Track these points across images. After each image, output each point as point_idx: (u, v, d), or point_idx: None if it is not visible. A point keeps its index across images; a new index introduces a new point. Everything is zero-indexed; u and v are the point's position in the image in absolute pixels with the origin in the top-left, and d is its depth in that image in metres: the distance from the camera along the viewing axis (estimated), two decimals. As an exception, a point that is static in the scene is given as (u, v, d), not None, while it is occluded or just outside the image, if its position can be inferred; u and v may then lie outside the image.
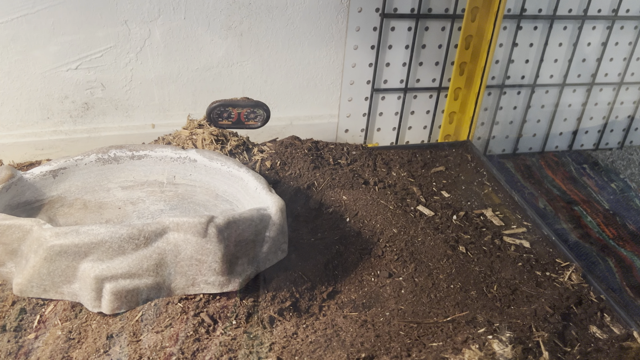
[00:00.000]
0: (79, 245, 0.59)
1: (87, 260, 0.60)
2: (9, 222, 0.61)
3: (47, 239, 0.59)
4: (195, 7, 0.98)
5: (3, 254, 0.62)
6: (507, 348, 0.61)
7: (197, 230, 0.62)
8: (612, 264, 0.91)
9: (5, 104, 1.00)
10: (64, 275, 0.61)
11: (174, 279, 0.64)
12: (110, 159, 0.80)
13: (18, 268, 0.63)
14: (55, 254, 0.59)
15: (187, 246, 0.62)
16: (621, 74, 1.29)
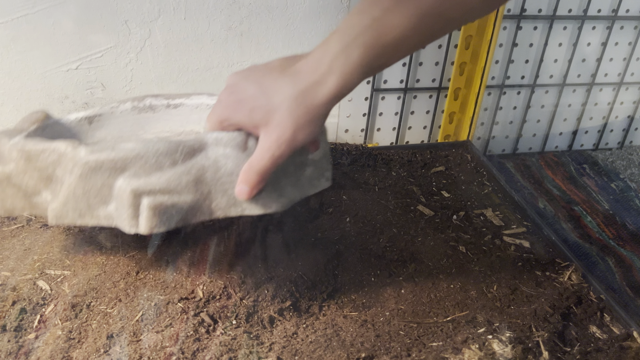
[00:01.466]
0: (114, 161, 0.55)
1: (123, 176, 0.55)
2: (42, 145, 0.56)
3: (82, 156, 0.55)
4: (195, 7, 0.98)
5: (38, 180, 0.57)
6: (507, 348, 0.61)
7: (237, 144, 0.56)
8: (612, 264, 0.91)
9: (5, 104, 1.00)
10: (99, 195, 0.56)
11: (215, 198, 0.57)
12: (146, 107, 0.75)
13: (53, 194, 0.58)
14: (91, 170, 0.55)
15: (228, 161, 0.56)
16: (621, 74, 1.29)
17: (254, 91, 0.51)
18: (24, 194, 0.59)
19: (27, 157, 0.56)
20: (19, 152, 0.57)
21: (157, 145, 0.55)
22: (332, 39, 0.49)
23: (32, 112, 0.68)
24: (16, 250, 0.78)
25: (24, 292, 0.70)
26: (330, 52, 0.48)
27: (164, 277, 0.73)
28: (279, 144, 0.50)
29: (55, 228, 0.83)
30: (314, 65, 0.49)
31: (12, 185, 0.58)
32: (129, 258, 0.77)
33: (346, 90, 0.49)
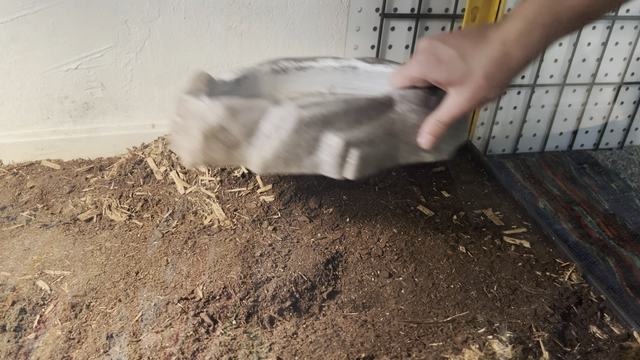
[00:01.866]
0: (325, 116, 0.61)
1: (330, 129, 0.62)
2: (248, 103, 0.62)
3: (294, 112, 0.61)
4: (195, 7, 0.98)
5: (240, 134, 0.63)
6: (507, 348, 0.61)
7: (420, 100, 0.65)
8: (612, 264, 0.91)
9: (5, 104, 1.00)
10: (307, 147, 0.63)
11: (401, 147, 0.66)
12: (280, 69, 0.82)
13: (256, 148, 0.64)
14: (304, 125, 0.61)
15: (413, 115, 0.65)
16: (621, 74, 1.29)
17: (454, 54, 0.59)
18: (226, 147, 0.65)
19: (233, 114, 0.62)
20: (226, 109, 0.62)
21: (358, 102, 0.63)
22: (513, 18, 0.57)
23: (198, 73, 0.75)
24: (16, 250, 0.78)
25: (23, 292, 0.70)
26: (514, 30, 0.56)
27: (163, 277, 0.73)
28: (472, 99, 0.60)
29: (55, 228, 0.84)
30: (502, 39, 0.57)
31: (216, 138, 0.64)
32: (128, 258, 0.77)
33: (530, 61, 0.57)
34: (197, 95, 0.66)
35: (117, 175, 0.93)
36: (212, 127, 0.63)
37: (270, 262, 0.75)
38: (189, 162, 0.68)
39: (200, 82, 0.72)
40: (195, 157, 0.66)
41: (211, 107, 0.63)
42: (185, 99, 0.67)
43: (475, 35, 0.59)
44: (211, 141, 0.64)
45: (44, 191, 0.93)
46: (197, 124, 0.64)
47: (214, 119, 0.63)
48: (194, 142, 0.65)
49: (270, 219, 0.86)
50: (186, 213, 0.86)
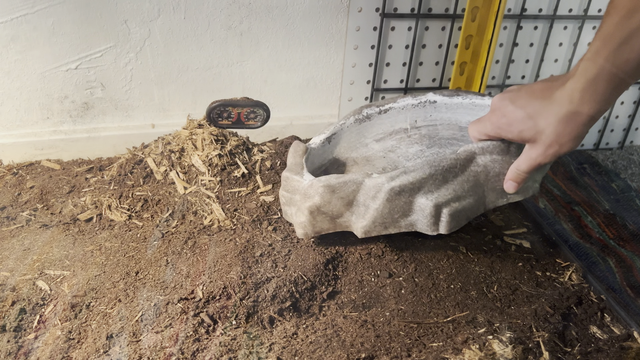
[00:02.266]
0: (413, 183, 0.68)
1: (420, 194, 0.69)
2: (342, 179, 0.70)
3: (385, 184, 0.68)
4: (195, 7, 0.98)
5: (341, 206, 0.71)
6: (507, 348, 0.61)
7: (501, 150, 0.70)
8: (612, 264, 0.91)
9: (5, 104, 1.00)
10: (402, 211, 0.70)
11: (487, 195, 0.73)
12: (364, 117, 0.89)
13: (356, 215, 0.72)
14: (395, 194, 0.68)
15: (495, 165, 0.71)
16: (621, 73, 1.29)
17: (522, 115, 0.64)
18: (330, 218, 0.73)
19: (332, 190, 0.70)
20: (324, 187, 0.70)
21: (442, 164, 0.69)
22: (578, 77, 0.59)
23: (295, 144, 0.81)
24: (16, 250, 0.78)
25: (23, 292, 0.70)
26: (578, 87, 0.59)
27: (163, 277, 0.73)
28: (544, 155, 0.65)
29: (55, 228, 0.83)
30: (567, 97, 0.60)
31: (322, 213, 0.72)
32: (128, 258, 0.77)
33: (598, 115, 0.60)
34: (298, 173, 0.75)
35: (117, 175, 0.93)
36: (316, 204, 0.71)
37: (270, 262, 0.74)
38: (301, 233, 0.76)
39: (298, 155, 0.79)
40: (306, 229, 0.74)
41: (313, 187, 0.71)
42: (289, 177, 0.75)
43: (543, 94, 0.63)
44: (317, 215, 0.72)
45: (44, 191, 0.93)
46: (302, 200, 0.73)
47: (317, 198, 0.71)
48: (302, 216, 0.74)
49: (270, 219, 0.86)
50: (186, 213, 0.86)
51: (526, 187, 0.74)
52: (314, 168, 0.84)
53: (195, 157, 0.91)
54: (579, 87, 0.59)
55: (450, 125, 0.90)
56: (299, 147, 0.81)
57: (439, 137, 0.90)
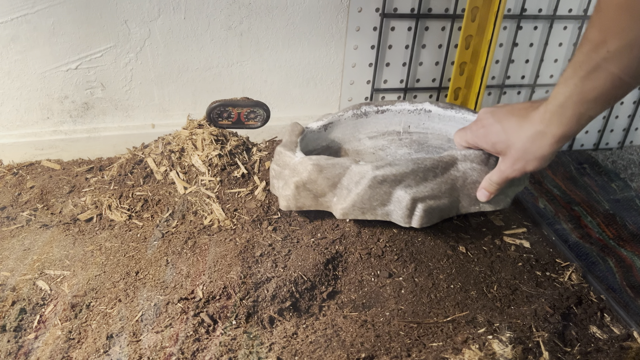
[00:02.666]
0: (395, 175, 0.73)
1: (400, 186, 0.74)
2: (331, 161, 0.75)
3: (370, 171, 0.73)
4: (195, 7, 0.98)
5: (326, 186, 0.76)
6: (507, 348, 0.61)
7: (481, 160, 0.76)
8: (612, 264, 0.91)
9: (5, 104, 1.00)
10: (380, 200, 0.75)
11: (462, 200, 0.78)
12: (362, 114, 0.94)
13: (338, 197, 0.77)
14: (378, 182, 0.73)
15: (474, 173, 0.76)
16: (621, 74, 1.29)
17: (498, 129, 0.70)
18: (314, 195, 0.78)
19: (320, 169, 0.75)
20: (313, 166, 0.75)
21: (425, 163, 0.74)
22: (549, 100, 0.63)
23: (292, 124, 0.86)
24: (16, 250, 0.78)
25: (23, 292, 0.70)
26: (549, 109, 0.63)
27: (163, 277, 0.73)
28: (513, 169, 0.70)
29: (55, 228, 0.84)
30: (539, 118, 0.65)
31: (306, 189, 0.77)
32: (129, 258, 0.77)
33: (566, 138, 0.64)
34: (291, 150, 0.79)
35: (117, 175, 0.93)
36: (302, 179, 0.76)
37: (270, 262, 0.75)
38: (284, 205, 0.80)
39: (294, 134, 0.84)
40: (289, 202, 0.79)
41: (302, 164, 0.76)
42: (282, 152, 0.80)
43: (521, 113, 0.68)
44: (302, 190, 0.77)
45: (44, 191, 0.93)
46: (291, 175, 0.78)
47: (305, 174, 0.76)
48: (288, 190, 0.78)
49: (270, 219, 0.86)
50: (186, 213, 0.86)
51: (498, 199, 0.79)
52: (307, 150, 0.87)
53: (195, 157, 0.91)
54: (549, 109, 0.63)
55: (440, 136, 0.95)
56: (296, 127, 0.86)
57: (428, 144, 0.95)
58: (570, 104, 0.61)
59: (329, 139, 0.93)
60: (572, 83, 0.60)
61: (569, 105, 0.61)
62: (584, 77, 0.59)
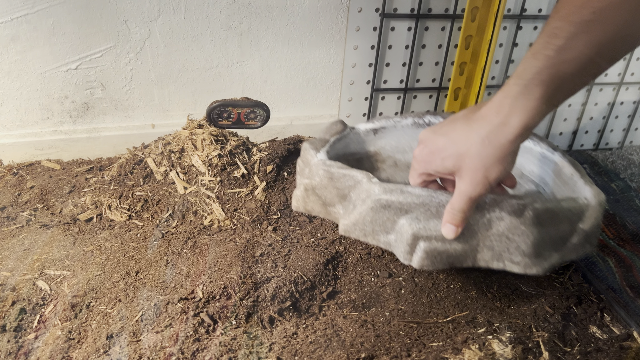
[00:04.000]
0: (402, 203, 0.63)
1: (406, 217, 0.63)
2: (344, 171, 0.68)
3: (376, 192, 0.64)
4: (195, 7, 0.98)
5: (335, 196, 0.69)
6: (507, 348, 0.61)
7: (513, 210, 0.62)
8: (612, 264, 0.91)
9: (5, 104, 1.00)
10: (383, 226, 0.65)
11: (481, 250, 0.64)
12: (424, 124, 0.82)
13: (345, 210, 0.69)
14: (381, 206, 0.64)
15: (500, 223, 0.62)
16: (621, 74, 1.29)
17: (443, 142, 0.57)
18: (322, 203, 0.71)
19: (330, 177, 0.68)
20: (325, 172, 0.69)
21: (440, 198, 0.62)
22: (509, 83, 0.53)
23: (334, 122, 0.79)
24: (16, 250, 0.78)
25: (23, 292, 0.70)
26: (510, 94, 0.52)
27: (163, 277, 0.73)
28: (473, 186, 0.55)
29: (55, 228, 0.84)
30: (495, 108, 0.53)
31: (315, 194, 0.71)
32: (128, 258, 0.77)
33: (532, 126, 0.53)
34: (316, 148, 0.73)
35: (117, 175, 0.93)
36: (312, 183, 0.70)
37: (270, 262, 0.75)
38: (294, 205, 0.74)
39: (329, 133, 0.77)
40: (299, 203, 0.74)
41: (317, 167, 0.70)
42: (307, 148, 0.74)
43: (466, 116, 0.56)
44: (310, 194, 0.71)
45: (44, 191, 0.93)
46: (308, 175, 0.72)
47: (316, 179, 0.70)
48: (299, 190, 0.73)
49: (270, 219, 0.86)
50: (186, 213, 0.86)
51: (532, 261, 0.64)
52: (348, 152, 0.81)
53: (195, 157, 0.91)
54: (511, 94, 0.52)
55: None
56: (335, 126, 0.79)
57: None
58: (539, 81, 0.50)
59: (379, 145, 0.84)
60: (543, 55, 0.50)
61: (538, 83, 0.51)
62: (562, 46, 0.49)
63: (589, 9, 0.47)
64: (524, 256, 0.63)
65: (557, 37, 0.49)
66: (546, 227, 0.63)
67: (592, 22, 0.47)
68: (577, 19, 0.48)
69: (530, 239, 0.62)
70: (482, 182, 0.55)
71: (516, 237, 0.62)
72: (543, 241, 0.63)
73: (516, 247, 0.62)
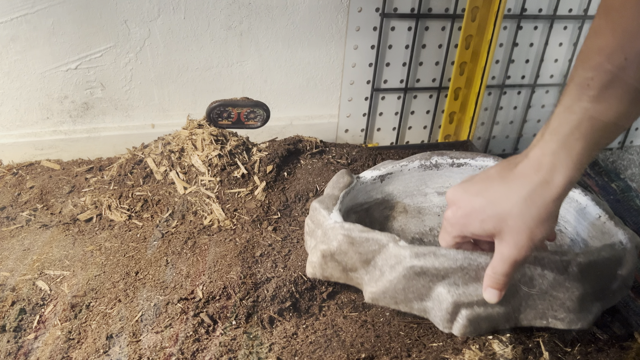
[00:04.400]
0: (438, 269, 0.59)
1: (443, 283, 0.60)
2: (366, 234, 0.63)
3: (407, 258, 0.60)
4: (195, 7, 0.98)
5: (357, 261, 0.64)
6: (507, 348, 0.61)
7: (557, 267, 0.60)
8: (612, 264, 0.90)
9: (5, 104, 1.00)
10: (417, 293, 0.61)
11: (523, 310, 0.62)
12: (432, 165, 0.80)
13: (369, 276, 0.65)
14: (415, 273, 0.60)
15: (543, 281, 0.60)
16: (621, 73, 1.29)
17: (480, 203, 0.54)
18: (343, 268, 0.66)
19: (351, 242, 0.63)
20: (344, 237, 0.64)
21: (479, 260, 0.59)
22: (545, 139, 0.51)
23: (340, 174, 0.75)
24: (16, 250, 0.78)
25: (23, 292, 0.70)
26: (548, 150, 0.50)
27: (163, 277, 0.73)
28: (518, 249, 0.53)
29: (55, 228, 0.83)
30: (534, 166, 0.51)
31: (334, 260, 0.65)
32: (128, 258, 0.77)
33: (575, 181, 0.51)
34: (328, 208, 0.69)
35: (117, 175, 0.93)
36: (331, 249, 0.65)
37: (270, 262, 0.74)
38: (310, 272, 0.69)
39: (338, 187, 0.73)
40: (315, 269, 0.68)
41: (333, 230, 0.65)
42: (317, 208, 0.69)
43: (501, 174, 0.54)
44: (329, 260, 0.66)
45: (43, 191, 0.93)
46: (321, 239, 0.66)
47: (334, 244, 0.64)
48: (315, 256, 0.67)
49: (270, 219, 0.86)
50: (186, 213, 0.86)
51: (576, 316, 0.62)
52: (356, 204, 0.77)
53: (195, 157, 0.91)
54: (549, 151, 0.50)
55: None
56: (342, 179, 0.74)
57: None
58: (579, 135, 0.49)
59: (386, 192, 0.81)
60: (579, 108, 0.48)
61: (578, 137, 0.49)
62: (596, 96, 0.47)
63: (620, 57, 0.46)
64: (568, 312, 0.61)
65: (590, 87, 0.48)
66: (589, 280, 0.61)
67: (625, 69, 0.46)
68: (609, 67, 0.47)
69: (575, 295, 0.60)
70: (526, 245, 0.53)
71: (560, 293, 0.60)
72: (586, 294, 0.61)
73: (560, 303, 0.60)
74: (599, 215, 0.70)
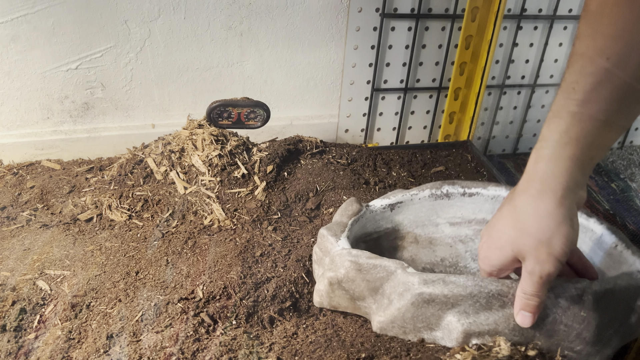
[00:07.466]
0: (447, 296, 0.58)
1: (452, 311, 0.59)
2: (374, 261, 0.62)
3: (415, 285, 0.59)
4: (195, 7, 0.98)
5: (365, 289, 0.63)
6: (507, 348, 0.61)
7: (571, 296, 0.58)
8: (612, 264, 0.91)
9: (5, 104, 1.00)
10: (426, 322, 0.60)
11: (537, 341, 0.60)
12: (442, 194, 0.78)
13: (378, 305, 0.64)
14: (423, 301, 0.59)
15: (558, 311, 0.58)
16: (621, 74, 1.29)
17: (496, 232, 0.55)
18: (350, 297, 0.65)
19: (359, 269, 0.62)
20: (351, 263, 0.63)
21: (490, 287, 0.58)
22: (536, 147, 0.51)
23: (348, 202, 0.74)
24: (16, 250, 0.78)
25: (23, 292, 0.70)
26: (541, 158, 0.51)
27: (163, 277, 0.73)
28: (540, 264, 0.52)
29: (55, 228, 0.84)
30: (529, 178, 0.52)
31: (342, 288, 0.64)
32: (129, 258, 0.77)
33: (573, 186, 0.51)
34: (336, 235, 0.67)
35: (117, 175, 0.93)
36: (338, 277, 0.64)
37: (271, 262, 0.75)
38: (317, 301, 0.69)
39: (346, 215, 0.72)
40: (322, 298, 0.67)
41: (340, 257, 0.64)
42: (325, 235, 0.68)
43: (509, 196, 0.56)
44: (336, 288, 0.65)
45: (44, 191, 0.93)
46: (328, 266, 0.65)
47: (342, 271, 0.63)
48: (322, 284, 0.66)
49: (270, 219, 0.86)
50: (186, 213, 0.86)
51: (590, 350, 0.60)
52: (365, 233, 0.76)
53: (196, 157, 0.91)
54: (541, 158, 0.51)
55: None
56: (351, 206, 0.73)
57: None
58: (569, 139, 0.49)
59: (396, 221, 0.79)
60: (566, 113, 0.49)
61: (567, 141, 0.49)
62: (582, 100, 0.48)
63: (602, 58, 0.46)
64: (585, 344, 0.59)
65: (575, 91, 0.48)
66: (606, 310, 0.59)
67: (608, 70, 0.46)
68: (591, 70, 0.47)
69: (592, 325, 0.58)
70: (547, 259, 0.51)
71: (576, 324, 0.58)
72: (603, 325, 0.59)
73: (576, 334, 0.59)
74: (615, 244, 0.68)
